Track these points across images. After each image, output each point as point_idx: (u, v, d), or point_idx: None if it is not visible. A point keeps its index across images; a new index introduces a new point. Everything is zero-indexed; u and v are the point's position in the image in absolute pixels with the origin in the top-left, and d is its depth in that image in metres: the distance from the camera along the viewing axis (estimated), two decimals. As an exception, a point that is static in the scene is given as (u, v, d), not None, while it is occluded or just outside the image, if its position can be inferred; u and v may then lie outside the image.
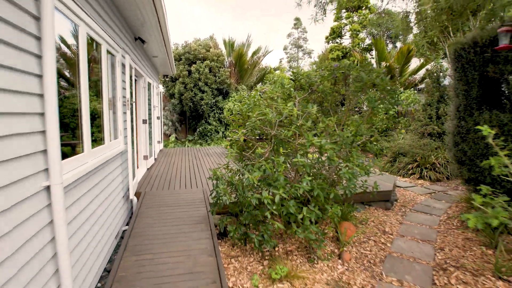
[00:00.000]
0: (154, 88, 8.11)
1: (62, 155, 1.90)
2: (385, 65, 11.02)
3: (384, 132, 10.31)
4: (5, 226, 1.39)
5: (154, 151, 7.77)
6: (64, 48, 2.29)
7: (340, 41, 14.02)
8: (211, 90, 13.24)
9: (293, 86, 3.31)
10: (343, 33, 13.86)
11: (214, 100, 13.39)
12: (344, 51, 13.22)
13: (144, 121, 6.25)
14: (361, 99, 3.35)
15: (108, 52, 3.42)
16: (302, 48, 37.38)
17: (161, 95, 11.24)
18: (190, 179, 5.59)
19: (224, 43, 15.37)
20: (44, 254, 1.73)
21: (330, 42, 14.22)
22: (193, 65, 13.03)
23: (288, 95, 3.13)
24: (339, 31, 13.65)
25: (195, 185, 5.12)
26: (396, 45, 11.97)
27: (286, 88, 3.18)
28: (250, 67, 14.90)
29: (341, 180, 3.34)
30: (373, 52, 12.25)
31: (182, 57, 13.24)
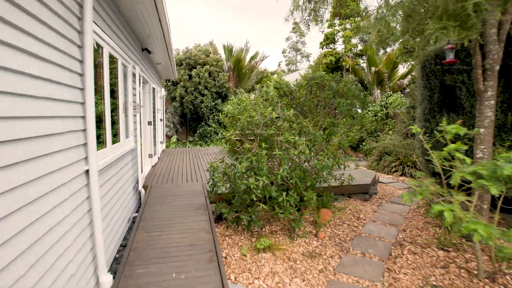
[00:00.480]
0: (158, 92, 8.76)
1: (96, 148, 2.53)
2: (375, 70, 11.68)
3: (374, 133, 10.94)
4: (66, 194, 2.02)
5: (158, 151, 8.41)
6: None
7: (334, 47, 14.69)
8: (211, 94, 13.89)
9: (277, 93, 3.95)
10: (336, 39, 14.53)
11: (214, 103, 14.04)
12: (337, 56, 13.88)
13: (149, 123, 6.89)
14: (333, 104, 3.98)
15: (122, 64, 4.07)
16: (300, 52, 38.13)
17: (164, 99, 11.89)
18: (191, 175, 6.23)
19: (224, 48, 16.04)
20: (84, 221, 2.36)
21: (324, 48, 14.88)
22: (194, 70, 13.70)
23: (272, 101, 3.77)
24: (332, 38, 14.32)
25: (195, 179, 5.75)
26: (387, 51, 12.61)
27: (270, 95, 3.83)
28: (248, 71, 15.57)
29: (319, 172, 3.97)
30: (365, 57, 12.90)
31: (183, 62, 13.91)
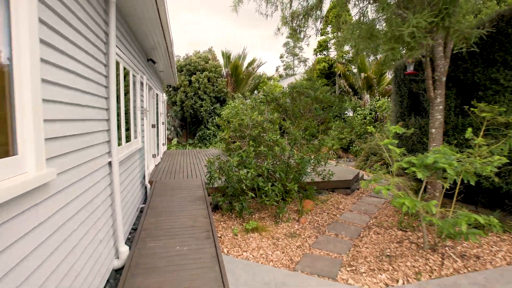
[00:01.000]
0: (160, 98, 9.44)
1: (116, 144, 3.18)
2: (364, 76, 12.39)
3: (363, 136, 11.61)
4: (98, 177, 2.67)
5: (160, 151, 9.06)
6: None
7: (327, 53, 15.42)
8: (210, 98, 14.58)
9: (265, 100, 4.62)
10: (329, 46, 15.28)
11: (213, 107, 14.73)
12: (330, 63, 14.60)
13: (153, 126, 7.54)
14: (313, 110, 4.65)
15: (133, 75, 4.74)
16: (298, 57, 38.98)
17: (165, 103, 12.57)
18: (191, 172, 6.87)
19: (222, 55, 16.77)
20: (107, 202, 3.00)
21: (318, 54, 15.62)
22: (193, 76, 14.40)
23: (259, 107, 4.43)
24: (326, 45, 15.06)
25: (195, 176, 6.40)
26: (377, 57, 13.34)
27: (257, 102, 4.49)
28: (245, 77, 16.28)
29: (301, 167, 4.61)
30: (355, 64, 13.61)
31: (184, 69, 14.61)
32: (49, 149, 1.74)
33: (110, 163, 3.08)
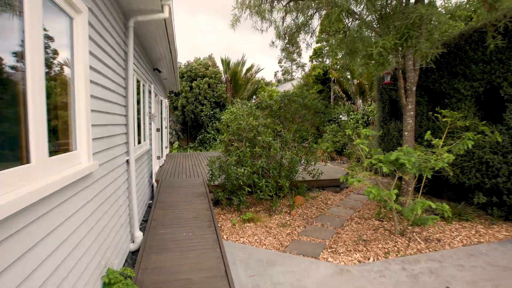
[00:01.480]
0: (163, 103, 10.03)
1: (132, 145, 3.76)
2: (357, 82, 13.02)
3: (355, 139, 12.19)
4: (120, 172, 3.24)
5: (163, 154, 9.63)
6: (127, 88, 4.17)
7: (322, 60, 16.08)
8: (210, 103, 15.19)
9: (260, 106, 5.20)
10: (324, 53, 15.93)
11: (213, 112, 15.33)
12: (325, 69, 15.26)
13: (158, 130, 8.12)
14: (302, 115, 5.24)
15: (143, 85, 5.33)
16: (296, 62, 39.75)
17: (167, 108, 13.16)
18: (193, 172, 7.44)
19: (222, 61, 17.42)
20: (125, 194, 3.56)
21: (314, 61, 16.28)
22: (194, 82, 15.03)
23: (255, 114, 5.02)
24: (321, 52, 15.73)
25: (197, 176, 6.96)
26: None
27: (253, 109, 5.09)
28: (244, 83, 16.92)
29: (293, 166, 5.19)
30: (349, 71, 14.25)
31: (185, 75, 15.24)
32: (94, 147, 2.32)
33: (128, 161, 3.65)
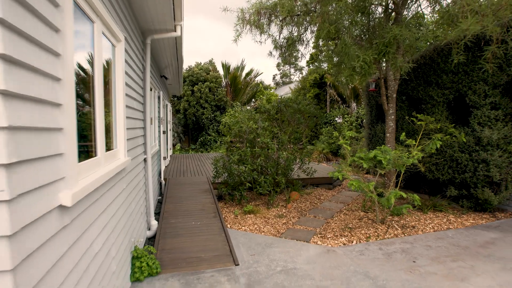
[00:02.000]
0: (168, 107, 10.62)
1: (148, 146, 4.35)
2: (351, 86, 13.64)
3: (350, 140, 12.81)
4: (139, 169, 3.82)
5: (168, 155, 10.21)
6: (143, 96, 4.77)
7: (318, 65, 16.71)
8: (211, 107, 15.79)
9: (259, 111, 5.80)
10: (321, 58, 16.57)
11: (213, 115, 15.93)
12: (321, 74, 15.89)
13: (164, 132, 8.71)
14: (296, 119, 5.83)
15: (154, 91, 5.93)
16: (294, 65, 40.45)
17: (170, 111, 13.76)
18: (197, 171, 8.02)
19: (222, 66, 18.06)
20: (143, 188, 4.14)
21: (311, 66, 16.92)
22: (196, 86, 15.64)
23: (254, 118, 5.61)
24: (317, 57, 16.37)
25: (201, 174, 7.55)
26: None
27: (253, 114, 5.68)
28: (244, 87, 17.54)
29: (289, 165, 5.78)
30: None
31: (186, 79, 15.85)
32: (127, 145, 2.91)
33: (145, 159, 4.23)
